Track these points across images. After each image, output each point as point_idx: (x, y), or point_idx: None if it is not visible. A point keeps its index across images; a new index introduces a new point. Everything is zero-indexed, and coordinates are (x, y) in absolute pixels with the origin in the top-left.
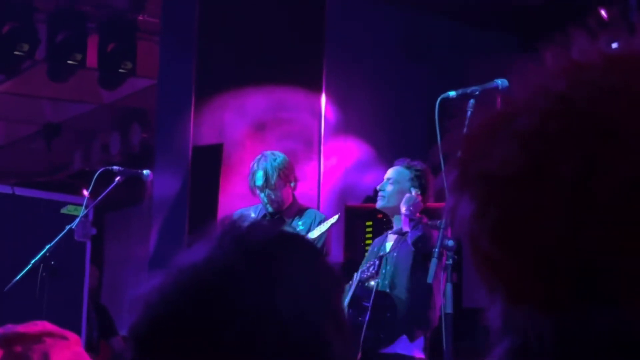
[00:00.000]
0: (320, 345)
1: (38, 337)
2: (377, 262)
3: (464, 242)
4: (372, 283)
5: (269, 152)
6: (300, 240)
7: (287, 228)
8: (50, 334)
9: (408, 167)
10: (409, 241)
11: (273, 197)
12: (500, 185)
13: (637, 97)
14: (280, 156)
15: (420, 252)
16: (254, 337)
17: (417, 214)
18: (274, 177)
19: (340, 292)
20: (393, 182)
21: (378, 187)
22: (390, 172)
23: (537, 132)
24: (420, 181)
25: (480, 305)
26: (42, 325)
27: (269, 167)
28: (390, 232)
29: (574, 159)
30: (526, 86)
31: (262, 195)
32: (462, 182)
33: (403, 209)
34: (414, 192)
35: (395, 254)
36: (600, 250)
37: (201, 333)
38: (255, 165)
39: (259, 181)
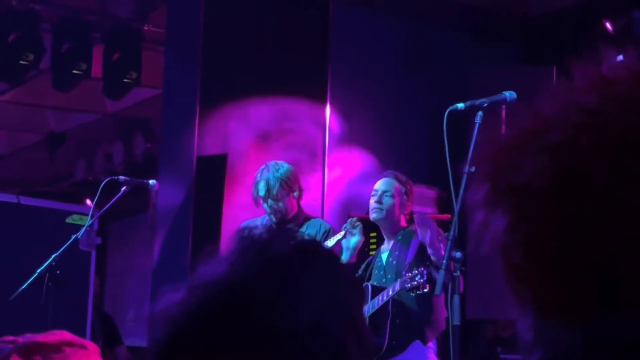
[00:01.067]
0: (341, 357)
1: (57, 347)
2: (425, 271)
3: (496, 256)
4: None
5: (272, 163)
6: (319, 249)
7: (305, 236)
8: (69, 344)
9: (398, 180)
10: (421, 238)
11: (276, 207)
12: (531, 197)
13: None
14: (284, 166)
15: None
16: (274, 352)
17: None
18: (276, 188)
19: (361, 301)
20: (391, 196)
21: (375, 200)
22: (386, 184)
23: (568, 145)
24: (406, 191)
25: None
26: (61, 335)
27: (270, 177)
28: (382, 246)
29: (605, 172)
30: (555, 101)
31: (265, 205)
32: (494, 196)
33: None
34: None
35: (394, 262)
36: (630, 261)
37: (222, 349)
38: (259, 175)
39: (262, 192)
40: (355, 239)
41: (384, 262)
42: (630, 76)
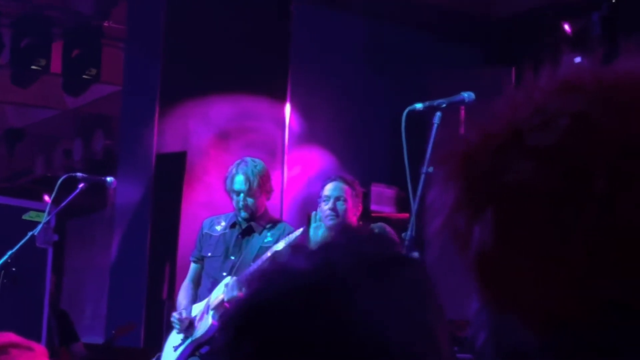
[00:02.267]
0: None
1: (4, 349)
2: None
3: (474, 262)
4: None
5: (249, 158)
6: (416, 265)
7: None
8: (16, 345)
9: (347, 183)
10: None
11: (249, 203)
12: (524, 201)
13: None
14: (260, 163)
15: None
16: (356, 354)
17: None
18: (255, 184)
19: (444, 325)
20: (344, 200)
21: (329, 206)
22: (334, 190)
23: (558, 149)
24: (356, 190)
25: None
26: (7, 337)
27: (250, 172)
28: None
29: (603, 175)
30: (525, 103)
31: (238, 198)
32: (474, 200)
33: None
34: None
35: None
36: (624, 270)
37: (299, 332)
38: (235, 169)
39: (239, 185)
40: (322, 231)
41: None
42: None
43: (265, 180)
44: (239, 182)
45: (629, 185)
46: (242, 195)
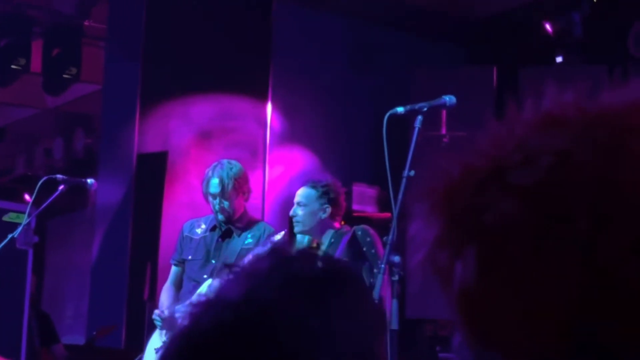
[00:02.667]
0: None
1: None
2: None
3: (456, 298)
4: None
5: (225, 161)
6: (350, 278)
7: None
8: None
9: (314, 187)
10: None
11: (225, 206)
12: (505, 242)
13: (638, 156)
14: (236, 166)
15: (352, 250)
16: None
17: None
18: (229, 186)
19: (383, 336)
20: (303, 206)
21: (291, 213)
22: (298, 196)
23: (539, 187)
24: (328, 196)
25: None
26: None
27: (225, 175)
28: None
29: (585, 216)
30: (507, 137)
31: (214, 202)
32: (457, 238)
33: None
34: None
35: None
36: (606, 313)
37: None
38: (211, 172)
39: (213, 188)
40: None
41: None
42: (586, 116)
43: (242, 182)
44: (214, 185)
45: (610, 227)
46: (217, 198)
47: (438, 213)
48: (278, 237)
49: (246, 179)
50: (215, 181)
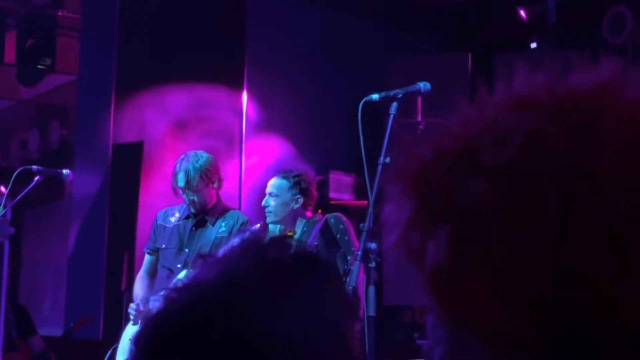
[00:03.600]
0: None
1: None
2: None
3: (428, 279)
4: None
5: (192, 153)
6: (320, 262)
7: (306, 246)
8: None
9: (285, 177)
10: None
11: (195, 199)
12: (477, 222)
13: (609, 136)
14: (203, 157)
15: (325, 238)
16: (263, 357)
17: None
18: (196, 179)
19: (354, 320)
20: (275, 196)
21: (263, 204)
22: (269, 187)
23: (510, 168)
24: (300, 186)
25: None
26: None
27: (190, 168)
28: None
29: (554, 197)
30: (476, 119)
31: (184, 196)
32: (428, 218)
33: None
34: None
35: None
36: (576, 294)
37: (210, 349)
38: (178, 165)
39: (181, 182)
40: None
41: None
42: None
43: (211, 173)
44: (180, 179)
45: (581, 206)
46: (186, 192)
47: (410, 194)
48: (254, 229)
49: (216, 168)
50: (180, 175)
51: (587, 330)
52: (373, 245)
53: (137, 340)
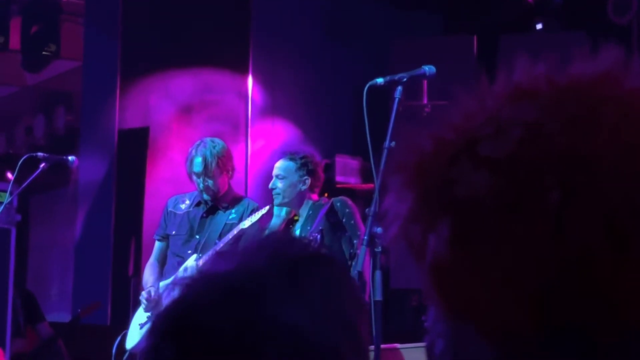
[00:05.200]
0: None
1: None
2: (318, 237)
3: (429, 272)
4: None
5: (208, 139)
6: (335, 262)
7: (323, 249)
8: None
9: (292, 159)
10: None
11: (210, 184)
12: (477, 214)
13: (609, 127)
14: (219, 144)
15: (331, 222)
16: (272, 346)
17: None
18: (213, 165)
19: (365, 319)
20: (282, 178)
21: (270, 186)
22: (276, 169)
23: (510, 159)
24: (307, 168)
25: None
26: None
27: (208, 154)
28: (297, 223)
29: (554, 189)
30: (477, 110)
31: (199, 181)
32: (430, 212)
33: None
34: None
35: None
36: (577, 289)
37: (223, 334)
38: (194, 151)
39: (197, 167)
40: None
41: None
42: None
43: (225, 161)
44: (197, 164)
45: (581, 199)
46: (201, 177)
47: (410, 187)
48: (263, 211)
49: (230, 156)
50: (198, 160)
51: (586, 324)
52: (379, 230)
53: (154, 326)
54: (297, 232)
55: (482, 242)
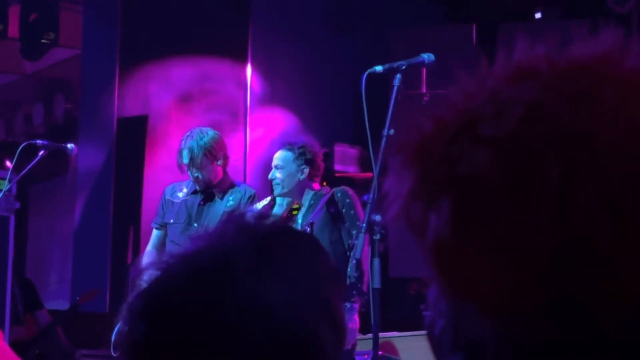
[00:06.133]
0: (310, 342)
1: None
2: (308, 229)
3: (430, 250)
4: None
5: (197, 130)
6: (304, 236)
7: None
8: None
9: (290, 149)
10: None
11: (199, 176)
12: (478, 192)
13: (609, 106)
14: (208, 134)
15: (331, 211)
16: (242, 325)
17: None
18: (199, 157)
19: (339, 292)
20: (280, 168)
21: (269, 177)
22: (275, 159)
23: (511, 138)
24: (305, 157)
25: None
26: None
27: (194, 145)
28: (299, 212)
29: (555, 167)
30: (477, 91)
31: (189, 172)
32: (430, 189)
33: None
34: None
35: (307, 228)
36: (579, 265)
37: (194, 312)
38: (183, 143)
39: (185, 159)
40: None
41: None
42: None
43: (215, 151)
44: (184, 156)
45: (581, 177)
46: (191, 168)
47: (411, 166)
48: (265, 202)
49: (221, 146)
50: (185, 152)
51: (588, 300)
52: (378, 217)
53: (128, 307)
54: (299, 222)
55: (483, 219)
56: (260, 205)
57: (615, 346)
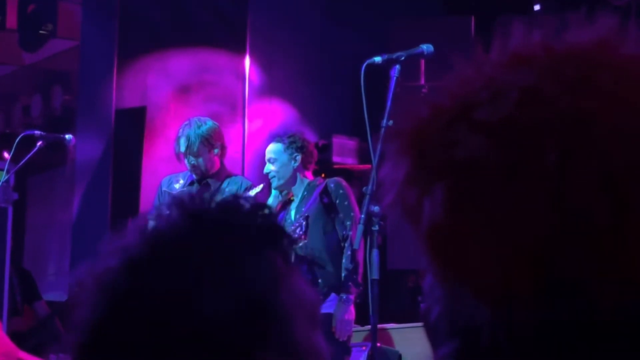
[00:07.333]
0: (267, 303)
1: None
2: (304, 223)
3: (426, 236)
4: (301, 245)
5: (195, 119)
6: (240, 203)
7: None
8: None
9: (279, 141)
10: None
11: (195, 164)
12: (474, 177)
13: (606, 90)
14: (207, 123)
15: (324, 202)
16: (165, 326)
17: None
18: (196, 145)
19: (286, 292)
20: (274, 161)
21: (265, 171)
22: (267, 153)
23: (507, 123)
24: (295, 145)
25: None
26: None
27: (192, 134)
28: (293, 203)
29: (551, 151)
30: (473, 76)
31: (186, 161)
32: (426, 176)
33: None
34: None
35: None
36: (574, 247)
37: (144, 299)
38: (180, 131)
39: (182, 148)
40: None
41: (292, 219)
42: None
43: (213, 140)
44: (181, 144)
45: (578, 161)
46: (187, 156)
47: (406, 152)
48: (257, 189)
49: (219, 135)
50: (182, 140)
51: (586, 284)
52: (376, 209)
53: (84, 280)
54: (292, 213)
55: (479, 204)
56: (253, 192)
57: (613, 327)
